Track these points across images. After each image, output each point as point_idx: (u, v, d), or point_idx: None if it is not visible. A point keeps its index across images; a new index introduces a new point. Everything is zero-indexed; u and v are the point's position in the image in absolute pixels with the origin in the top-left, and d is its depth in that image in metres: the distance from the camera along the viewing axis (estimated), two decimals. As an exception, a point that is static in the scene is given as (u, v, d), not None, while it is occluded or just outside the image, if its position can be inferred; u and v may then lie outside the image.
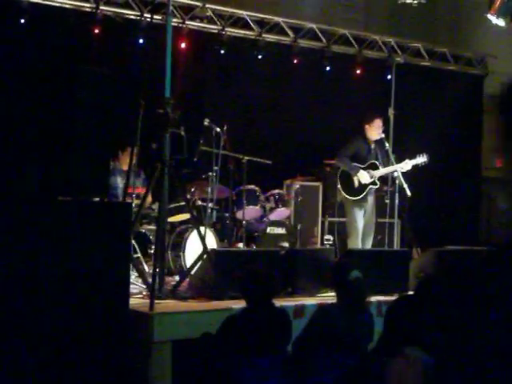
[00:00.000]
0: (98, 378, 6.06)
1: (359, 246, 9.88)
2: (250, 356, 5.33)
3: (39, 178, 6.26)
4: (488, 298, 4.58)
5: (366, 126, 10.16)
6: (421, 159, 10.13)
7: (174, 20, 10.94)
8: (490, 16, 10.94)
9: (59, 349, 5.90)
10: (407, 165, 10.06)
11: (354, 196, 10.02)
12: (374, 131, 10.13)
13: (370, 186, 10.03)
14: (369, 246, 10.08)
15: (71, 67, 6.83)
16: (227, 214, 10.30)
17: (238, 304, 6.47)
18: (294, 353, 5.56)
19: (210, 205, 9.59)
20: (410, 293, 6.83)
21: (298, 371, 5.30)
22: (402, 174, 10.04)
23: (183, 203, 9.09)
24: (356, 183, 10.01)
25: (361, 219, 10.03)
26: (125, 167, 9.37)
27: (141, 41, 10.99)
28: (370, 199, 10.13)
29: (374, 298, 7.30)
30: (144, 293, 7.43)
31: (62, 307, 5.96)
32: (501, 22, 11.03)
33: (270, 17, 12.46)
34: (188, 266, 8.25)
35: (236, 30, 12.19)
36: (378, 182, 10.08)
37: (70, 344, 5.94)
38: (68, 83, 6.66)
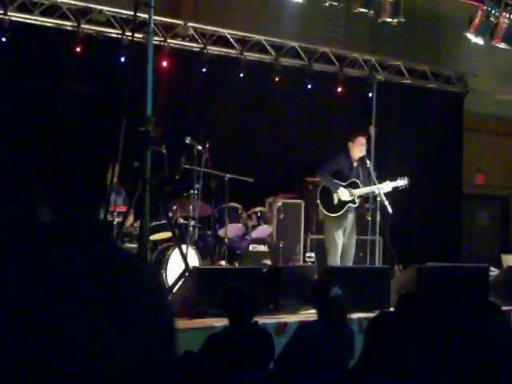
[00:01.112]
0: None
1: (338, 263, 9.90)
2: (232, 374, 5.31)
3: (20, 199, 6.25)
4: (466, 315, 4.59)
5: (350, 144, 10.22)
6: (401, 182, 10.18)
7: (156, 38, 10.94)
8: (469, 34, 11.06)
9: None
10: (387, 186, 10.11)
11: (333, 213, 10.05)
12: (357, 149, 10.18)
13: (350, 204, 10.06)
14: (350, 263, 10.09)
15: (52, 85, 6.83)
16: (209, 232, 10.30)
17: (221, 322, 6.46)
18: (276, 370, 5.55)
19: (192, 223, 9.58)
20: (391, 309, 6.84)
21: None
22: (383, 192, 10.08)
23: (165, 221, 9.07)
24: (335, 200, 10.04)
25: (340, 236, 10.06)
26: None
27: (122, 59, 10.98)
28: (350, 217, 10.16)
29: (355, 315, 7.31)
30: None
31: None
32: (480, 40, 11.16)
33: (252, 35, 12.50)
34: (170, 284, 8.23)
35: (218, 49, 12.22)
36: (357, 201, 10.12)
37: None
38: (49, 101, 6.66)
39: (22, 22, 10.49)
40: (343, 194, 10.02)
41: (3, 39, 10.14)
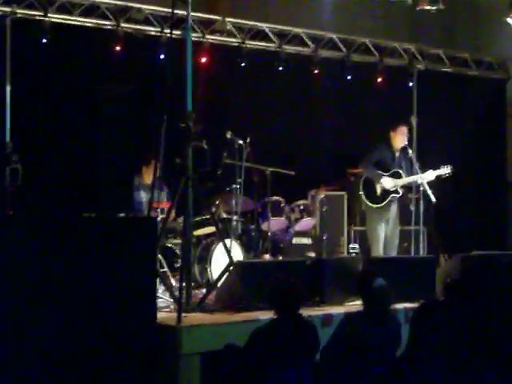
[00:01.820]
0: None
1: (381, 253, 9.87)
2: (278, 366, 5.34)
3: (65, 194, 6.33)
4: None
5: (391, 134, 10.19)
6: (444, 170, 10.12)
7: (194, 35, 10.99)
8: (509, 20, 10.93)
9: (88, 363, 5.94)
10: (430, 175, 10.05)
11: (376, 203, 10.03)
12: (399, 138, 10.15)
13: (393, 195, 10.02)
14: (394, 253, 10.06)
15: (95, 85, 6.90)
16: (252, 226, 10.32)
17: (266, 315, 6.49)
18: (322, 361, 5.56)
19: (235, 217, 9.61)
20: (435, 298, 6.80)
21: (326, 380, 5.31)
22: (426, 181, 10.02)
23: (208, 216, 9.11)
24: (378, 191, 10.02)
25: (382, 227, 10.03)
26: (148, 182, 9.42)
27: (162, 56, 11.04)
28: (393, 208, 10.13)
29: (400, 305, 7.29)
30: (171, 306, 7.47)
31: (90, 323, 6.00)
32: (520, 26, 11.02)
33: (290, 28, 12.49)
34: (214, 278, 8.27)
35: (256, 43, 12.23)
36: (400, 191, 10.08)
37: (98, 359, 5.98)
38: (93, 101, 6.75)
39: (62, 23, 10.58)
40: (387, 182, 9.99)
41: (44, 40, 10.24)
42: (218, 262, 8.75)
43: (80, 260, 6.02)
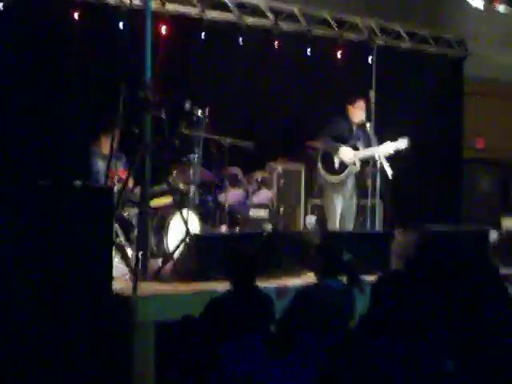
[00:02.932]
0: (81, 360, 6.08)
1: (337, 227, 9.94)
2: (233, 337, 5.36)
3: (19, 161, 6.27)
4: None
5: (349, 107, 10.22)
6: (402, 143, 10.16)
7: (154, 5, 10.89)
8: (468, -2, 11.00)
9: (42, 333, 5.91)
10: (388, 147, 10.08)
11: (334, 176, 10.07)
12: (357, 112, 10.18)
13: (350, 168, 10.07)
14: (350, 227, 10.13)
15: (52, 53, 6.81)
16: (210, 198, 10.31)
17: (222, 286, 6.51)
18: (277, 333, 5.59)
19: (193, 188, 9.59)
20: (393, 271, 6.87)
21: (281, 351, 5.34)
22: (384, 156, 10.07)
23: (165, 186, 9.08)
24: (336, 164, 10.06)
25: (339, 201, 10.09)
26: (106, 151, 9.35)
27: (121, 25, 10.93)
28: (350, 182, 10.19)
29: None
30: (127, 276, 7.44)
31: (44, 291, 5.96)
32: (479, 4, 11.09)
33: (250, 0, 12.43)
34: (171, 249, 8.26)
35: (216, 14, 12.15)
36: (357, 164, 10.13)
37: (52, 326, 5.95)
38: (49, 67, 6.66)
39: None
40: (345, 152, 10.03)
41: (0, 8, 10.07)
42: (175, 232, 8.74)
43: (36, 228, 5.97)
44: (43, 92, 8.83)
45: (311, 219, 11.63)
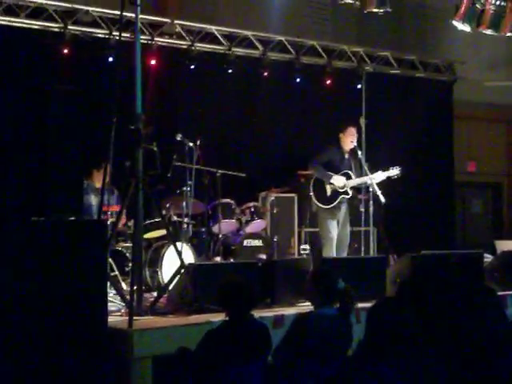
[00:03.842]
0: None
1: (333, 254, 9.93)
2: (230, 368, 5.33)
3: (11, 197, 6.25)
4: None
5: (340, 135, 10.25)
6: (394, 172, 10.21)
7: (143, 37, 10.97)
8: (455, 22, 11.07)
9: (37, 369, 5.87)
10: (380, 176, 10.14)
11: (327, 204, 10.08)
12: (348, 140, 10.21)
13: (343, 196, 10.09)
14: (344, 254, 10.13)
15: (42, 86, 6.81)
16: (203, 229, 10.32)
17: (218, 317, 6.49)
18: (274, 362, 5.57)
19: (186, 220, 9.60)
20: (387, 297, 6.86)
21: (278, 380, 5.32)
22: (376, 182, 10.09)
23: (159, 219, 9.08)
24: (328, 192, 10.08)
25: (334, 228, 10.09)
26: (98, 185, 9.36)
27: (110, 59, 10.99)
28: (343, 208, 10.20)
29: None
30: (122, 310, 7.42)
31: (38, 328, 5.93)
32: (466, 28, 11.17)
33: (239, 30, 12.51)
34: (166, 281, 8.24)
35: (205, 45, 12.23)
36: (350, 192, 10.15)
37: (48, 364, 5.91)
38: (40, 102, 6.65)
39: (8, 26, 10.46)
40: (337, 181, 10.04)
41: (-10, 43, 10.13)
42: (169, 265, 8.74)
43: (29, 264, 5.95)
44: (33, 127, 8.83)
45: (306, 247, 11.62)
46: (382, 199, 10.01)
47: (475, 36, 12.05)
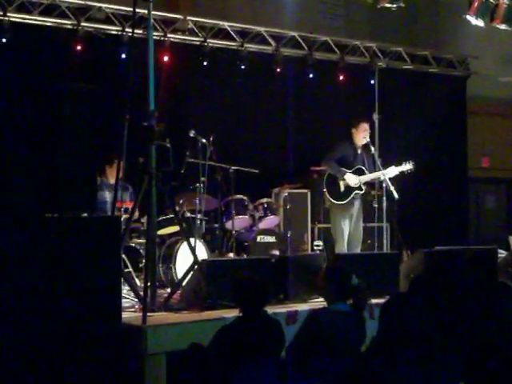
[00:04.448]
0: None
1: (345, 250, 9.92)
2: (244, 365, 5.34)
3: (26, 194, 6.27)
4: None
5: (353, 130, 10.22)
6: (407, 166, 10.18)
7: (156, 34, 10.98)
8: (469, 17, 11.02)
9: (52, 365, 5.89)
10: (393, 171, 10.11)
11: (340, 200, 10.07)
12: (361, 135, 10.17)
13: (356, 191, 10.07)
14: (357, 250, 10.11)
15: (55, 84, 6.82)
16: (216, 225, 10.32)
17: (231, 313, 6.50)
18: (288, 358, 5.58)
19: (199, 216, 9.61)
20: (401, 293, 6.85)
21: (292, 376, 5.32)
22: (389, 178, 10.07)
23: (172, 215, 9.09)
24: (342, 188, 10.06)
25: (346, 224, 10.07)
26: (112, 182, 9.38)
27: (123, 55, 11.01)
28: (356, 204, 10.17)
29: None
30: (136, 306, 7.44)
31: (53, 324, 5.95)
32: (480, 23, 11.11)
33: (252, 27, 12.51)
34: (179, 278, 8.25)
35: (218, 41, 12.23)
36: (363, 188, 10.13)
37: (63, 360, 5.93)
38: (52, 100, 6.66)
39: (22, 23, 10.50)
40: (350, 179, 10.02)
41: (3, 40, 10.16)
42: (183, 261, 8.74)
43: (43, 261, 5.97)
44: (46, 124, 8.86)
45: (319, 243, 11.62)
46: (396, 195, 9.99)
47: (489, 31, 11.99)
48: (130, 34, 9.05)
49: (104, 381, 6.13)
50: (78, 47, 10.76)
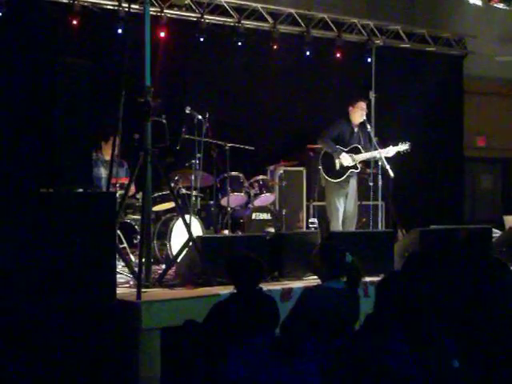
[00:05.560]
0: (87, 368, 6.07)
1: (340, 228, 9.94)
2: (237, 341, 5.35)
3: (21, 169, 6.26)
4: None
5: (350, 108, 10.20)
6: (403, 147, 10.17)
7: (152, 9, 10.91)
8: (466, -5, 10.99)
9: (45, 340, 5.91)
10: (390, 151, 10.11)
11: (335, 178, 10.07)
12: (358, 113, 10.16)
13: (351, 170, 10.08)
14: (352, 228, 10.13)
15: (50, 59, 6.79)
16: (212, 202, 10.32)
17: (226, 290, 6.51)
18: (281, 335, 5.59)
19: (195, 193, 9.60)
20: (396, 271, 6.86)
21: (285, 353, 5.34)
22: (385, 157, 10.07)
23: (167, 192, 9.08)
24: (337, 166, 10.06)
25: (341, 202, 10.09)
26: (108, 158, 9.36)
27: (119, 31, 10.95)
28: (352, 183, 10.18)
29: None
30: (131, 282, 7.45)
31: (48, 299, 5.96)
32: (478, 2, 11.09)
33: (249, 3, 12.44)
34: (174, 254, 8.26)
35: (215, 18, 12.18)
36: (359, 166, 10.13)
37: (56, 335, 5.95)
38: (49, 75, 6.63)
39: (18, -3, 10.44)
40: (345, 159, 10.02)
41: (-1, 14, 10.10)
42: (178, 237, 8.74)
43: (38, 236, 5.97)
44: (42, 99, 8.83)
45: (314, 221, 11.62)
46: (391, 173, 9.99)
47: (486, 10, 11.97)
48: (127, 9, 9.02)
49: (98, 355, 6.15)
50: (74, 22, 10.70)
